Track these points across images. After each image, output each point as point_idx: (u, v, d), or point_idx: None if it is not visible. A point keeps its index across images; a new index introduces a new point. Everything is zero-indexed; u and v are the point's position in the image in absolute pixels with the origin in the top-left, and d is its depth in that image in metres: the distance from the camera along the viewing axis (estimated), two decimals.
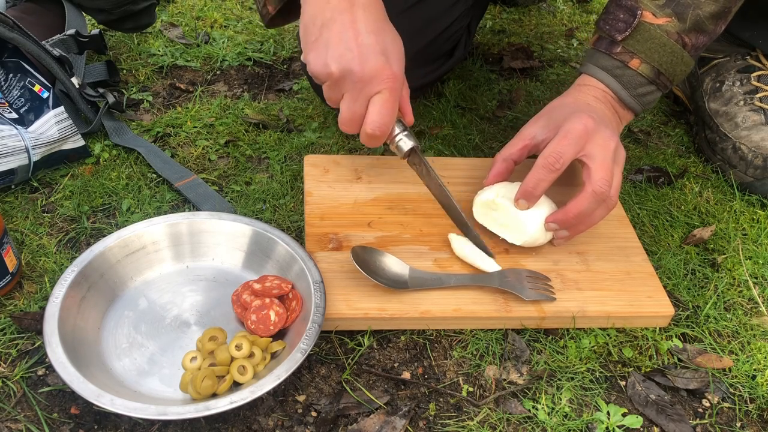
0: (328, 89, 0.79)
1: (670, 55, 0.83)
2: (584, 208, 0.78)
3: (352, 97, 0.77)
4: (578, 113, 0.80)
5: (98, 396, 0.62)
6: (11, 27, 0.92)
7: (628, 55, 0.83)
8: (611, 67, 0.85)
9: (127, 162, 0.97)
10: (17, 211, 0.88)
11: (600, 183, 0.77)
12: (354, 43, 0.75)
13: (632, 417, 0.72)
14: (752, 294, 0.87)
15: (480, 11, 1.18)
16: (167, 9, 1.37)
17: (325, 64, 0.75)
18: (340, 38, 0.75)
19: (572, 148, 0.78)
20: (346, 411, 0.70)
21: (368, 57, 0.75)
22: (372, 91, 0.77)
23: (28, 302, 0.77)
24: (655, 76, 0.84)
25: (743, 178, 1.03)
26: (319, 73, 0.77)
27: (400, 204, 0.89)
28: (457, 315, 0.77)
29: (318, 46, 0.76)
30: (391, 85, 0.77)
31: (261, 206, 0.92)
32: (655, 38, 0.82)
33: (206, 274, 0.80)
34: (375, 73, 0.75)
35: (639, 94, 0.85)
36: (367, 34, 0.76)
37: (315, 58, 0.76)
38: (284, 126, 1.08)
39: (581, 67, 0.89)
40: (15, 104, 0.93)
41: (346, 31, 0.75)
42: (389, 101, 0.77)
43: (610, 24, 0.84)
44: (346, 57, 0.75)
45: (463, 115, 1.15)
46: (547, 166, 0.78)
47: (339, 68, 0.75)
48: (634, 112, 0.88)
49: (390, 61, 0.77)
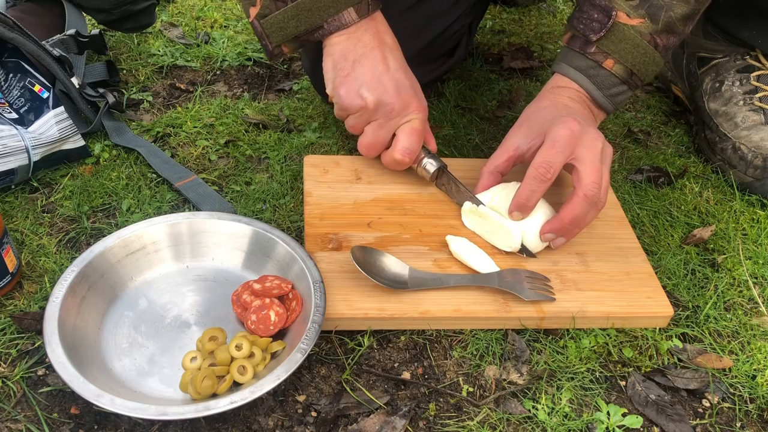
0: (356, 119, 0.85)
1: (642, 56, 0.84)
2: (577, 213, 0.79)
3: (380, 125, 0.85)
4: (562, 118, 0.80)
5: (98, 396, 0.62)
6: (11, 27, 0.92)
7: (602, 55, 0.84)
8: (585, 67, 0.85)
9: (127, 162, 0.97)
10: (17, 211, 0.88)
11: (590, 187, 0.78)
12: (386, 77, 0.82)
13: (632, 417, 0.72)
14: (752, 294, 0.87)
15: (481, 11, 1.18)
16: (167, 9, 1.37)
17: (360, 96, 0.82)
18: (373, 72, 0.82)
19: (561, 156, 0.78)
20: (346, 411, 0.70)
21: (401, 89, 0.83)
22: (402, 121, 0.85)
23: (28, 302, 0.77)
24: (628, 77, 0.85)
25: (743, 178, 1.03)
26: (353, 105, 0.83)
27: (399, 204, 0.90)
28: (457, 315, 0.77)
29: (350, 80, 0.82)
30: (422, 115, 0.85)
31: (261, 206, 0.92)
32: (629, 39, 0.83)
33: (206, 274, 0.80)
34: (407, 104, 0.83)
35: (612, 94, 0.86)
36: (397, 70, 0.83)
37: (348, 91, 0.83)
38: (284, 126, 1.08)
39: (554, 66, 0.89)
40: (15, 104, 0.93)
41: (377, 66, 0.82)
42: (418, 129, 0.85)
43: (584, 23, 0.84)
44: (380, 89, 0.82)
45: (463, 115, 1.15)
46: (538, 177, 0.78)
47: (374, 100, 0.82)
48: (607, 112, 0.88)
49: (418, 95, 0.85)
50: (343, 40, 0.83)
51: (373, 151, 0.88)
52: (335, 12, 0.81)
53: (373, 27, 0.83)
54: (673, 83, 1.22)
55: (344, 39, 0.83)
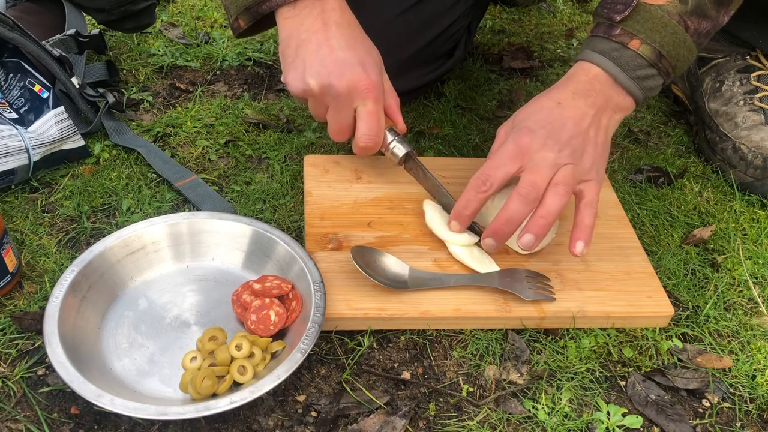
0: (312, 105, 0.83)
1: (672, 36, 0.79)
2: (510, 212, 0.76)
3: (337, 110, 0.81)
4: (518, 129, 0.78)
5: (98, 396, 0.62)
6: (11, 27, 0.92)
7: (627, 36, 0.79)
8: (608, 49, 0.80)
9: (127, 162, 0.97)
10: (17, 211, 0.88)
11: (523, 185, 0.76)
12: (329, 59, 0.78)
13: (632, 417, 0.72)
14: (752, 294, 0.87)
15: (480, 11, 1.18)
16: (167, 9, 1.37)
17: (304, 81, 0.79)
18: (316, 56, 0.78)
19: (502, 170, 0.77)
20: (346, 411, 0.70)
21: (345, 70, 0.78)
22: (354, 103, 0.80)
23: (28, 302, 0.77)
24: (657, 59, 0.79)
25: (743, 178, 1.03)
26: (299, 91, 0.80)
27: (400, 204, 0.89)
28: (457, 315, 0.77)
29: (295, 66, 0.80)
30: (373, 95, 0.80)
31: (261, 206, 0.92)
32: (656, 18, 0.78)
33: (206, 274, 0.80)
34: (353, 84, 0.78)
35: (639, 76, 0.80)
36: (341, 49, 0.79)
37: (293, 78, 0.80)
38: (284, 126, 1.08)
39: (577, 55, 0.84)
40: (15, 104, 0.93)
41: (320, 49, 0.79)
42: (374, 112, 0.81)
43: (608, 7, 0.80)
44: (323, 73, 0.78)
45: (463, 115, 1.15)
46: (475, 188, 0.78)
47: (318, 84, 0.78)
48: (635, 98, 0.82)
49: (367, 71, 0.79)
50: (289, 20, 0.80)
51: (342, 136, 0.84)
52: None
53: (319, 6, 0.80)
54: (673, 83, 1.22)
55: (290, 20, 0.80)
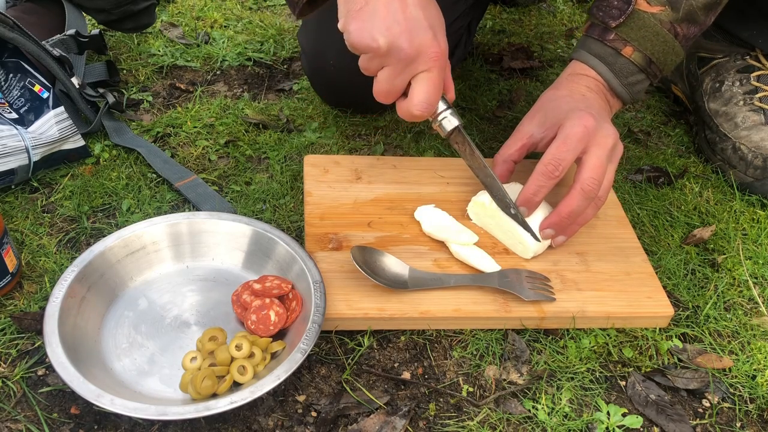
0: (368, 60, 0.75)
1: (662, 44, 0.83)
2: (574, 207, 0.78)
3: (395, 72, 0.74)
4: (577, 112, 0.79)
5: (98, 396, 0.62)
6: (11, 27, 0.92)
7: (621, 42, 0.83)
8: (604, 54, 0.84)
9: (127, 162, 0.97)
10: (17, 211, 0.88)
11: (588, 182, 0.77)
12: (402, 15, 0.71)
13: (632, 417, 0.72)
14: (752, 294, 0.87)
15: (480, 11, 1.18)
16: (167, 9, 1.37)
17: (372, 36, 0.71)
18: (388, 9, 0.71)
19: (572, 153, 0.78)
20: (346, 411, 0.70)
21: (417, 32, 0.72)
22: (418, 69, 0.74)
23: (28, 302, 0.77)
24: (647, 65, 0.84)
25: (743, 178, 1.03)
26: (363, 45, 0.72)
27: (400, 204, 0.89)
28: (457, 315, 0.77)
29: (363, 15, 0.71)
30: (439, 63, 0.74)
31: (261, 206, 0.92)
32: (649, 27, 0.82)
33: (206, 274, 0.80)
34: (423, 49, 0.72)
35: (630, 82, 0.85)
36: (415, 7, 0.72)
37: (359, 29, 0.72)
38: (284, 126, 1.08)
39: (573, 53, 0.88)
40: (15, 104, 0.93)
41: (393, 2, 0.71)
42: (436, 80, 0.75)
43: (603, 11, 0.83)
44: (394, 30, 0.71)
45: (463, 115, 1.15)
46: (546, 173, 0.78)
47: (387, 42, 0.71)
48: (623, 101, 0.87)
49: (437, 37, 0.73)
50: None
51: (389, 99, 0.78)
52: None
53: None
54: (673, 83, 1.22)
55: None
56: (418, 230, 0.86)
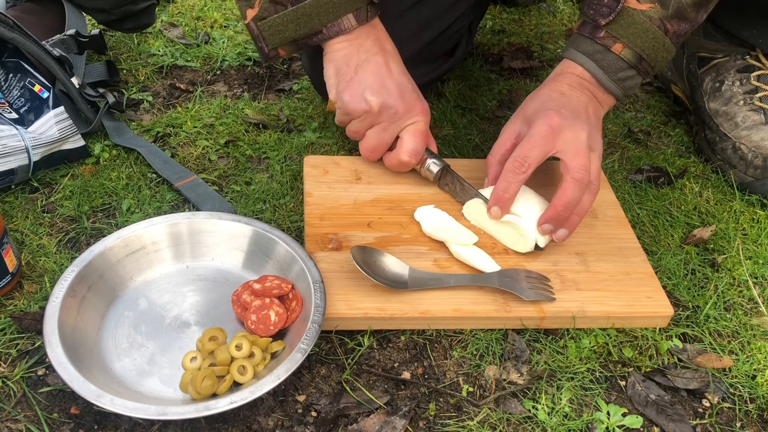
0: (359, 123, 0.87)
1: (652, 41, 0.83)
2: (569, 197, 0.79)
3: (383, 128, 0.86)
4: (545, 111, 0.81)
5: (98, 396, 0.62)
6: (11, 27, 0.92)
7: (611, 39, 0.84)
8: (593, 51, 0.85)
9: (127, 162, 0.97)
10: (17, 211, 0.88)
11: (577, 169, 0.79)
12: (390, 81, 0.84)
13: (632, 417, 0.72)
14: (752, 294, 0.87)
15: (481, 11, 1.18)
16: (167, 9, 1.37)
17: (364, 99, 0.84)
18: (376, 77, 0.84)
19: (537, 150, 0.79)
20: (346, 411, 0.70)
21: (404, 93, 0.85)
22: (406, 123, 0.86)
23: (28, 302, 0.77)
24: (637, 61, 0.85)
25: (743, 178, 1.03)
26: (357, 109, 0.85)
27: (400, 204, 0.90)
28: (457, 315, 0.77)
29: (353, 85, 0.84)
30: (425, 117, 0.87)
31: (261, 206, 0.92)
32: (638, 23, 0.83)
33: (206, 274, 0.80)
34: (411, 107, 0.85)
35: (620, 78, 0.85)
36: (399, 74, 0.86)
37: (352, 95, 0.84)
38: (284, 126, 1.08)
39: (564, 52, 0.89)
40: (15, 104, 0.93)
41: (380, 71, 0.84)
42: (422, 131, 0.87)
43: (594, 9, 0.84)
44: (384, 93, 0.83)
45: (463, 115, 1.15)
46: (513, 170, 0.80)
47: (378, 102, 0.83)
48: (616, 97, 0.88)
49: (420, 97, 0.87)
50: (345, 45, 0.84)
51: (377, 154, 0.90)
52: (335, 17, 0.82)
53: (374, 34, 0.85)
54: (673, 83, 1.22)
55: (346, 45, 0.84)
56: (418, 230, 0.86)
